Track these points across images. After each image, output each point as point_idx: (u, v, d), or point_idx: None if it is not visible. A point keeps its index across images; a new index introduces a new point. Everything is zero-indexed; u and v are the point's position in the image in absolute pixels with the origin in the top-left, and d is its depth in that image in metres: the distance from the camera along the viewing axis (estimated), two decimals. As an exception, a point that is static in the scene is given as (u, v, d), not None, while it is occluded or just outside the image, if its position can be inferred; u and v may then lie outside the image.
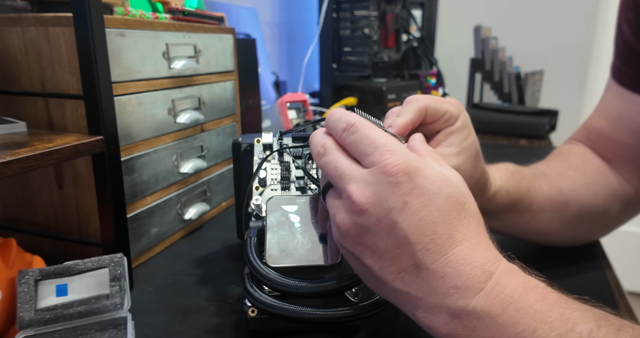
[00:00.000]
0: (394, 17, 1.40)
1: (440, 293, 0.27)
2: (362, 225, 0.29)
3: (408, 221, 0.27)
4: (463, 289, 0.27)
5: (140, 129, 0.54)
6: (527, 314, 0.26)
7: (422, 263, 0.27)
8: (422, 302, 0.28)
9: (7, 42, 0.49)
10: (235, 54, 0.74)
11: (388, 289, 0.30)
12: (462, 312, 0.27)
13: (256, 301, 0.37)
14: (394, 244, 0.28)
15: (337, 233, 0.31)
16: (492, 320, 0.26)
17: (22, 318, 0.38)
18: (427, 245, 0.27)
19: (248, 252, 0.39)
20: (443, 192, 0.28)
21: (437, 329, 0.28)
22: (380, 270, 0.29)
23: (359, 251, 0.30)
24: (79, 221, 0.53)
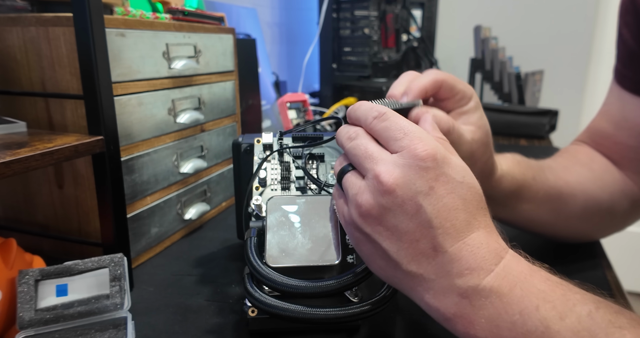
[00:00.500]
0: (394, 17, 1.40)
1: (454, 275, 0.28)
2: (385, 206, 0.29)
3: (433, 206, 0.29)
4: (477, 270, 0.28)
5: (140, 129, 0.54)
6: (531, 293, 0.27)
7: (441, 246, 0.29)
8: (434, 284, 0.29)
9: (7, 42, 0.49)
10: (235, 54, 0.74)
11: (401, 272, 0.30)
12: (472, 291, 0.28)
13: (256, 301, 0.37)
14: (416, 227, 0.29)
15: (356, 214, 0.31)
16: (498, 298, 0.27)
17: (22, 318, 0.38)
18: (448, 229, 0.29)
19: (248, 252, 0.39)
20: (466, 182, 0.30)
21: (445, 310, 0.29)
22: (397, 252, 0.30)
23: (377, 232, 0.30)
24: (79, 221, 0.53)
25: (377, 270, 0.33)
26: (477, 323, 0.27)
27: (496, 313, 0.27)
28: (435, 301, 0.29)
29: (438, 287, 0.29)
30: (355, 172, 0.33)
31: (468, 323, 0.28)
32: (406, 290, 0.31)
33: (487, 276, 0.28)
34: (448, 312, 0.29)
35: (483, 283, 0.28)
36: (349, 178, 0.33)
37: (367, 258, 0.33)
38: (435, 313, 0.30)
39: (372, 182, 0.30)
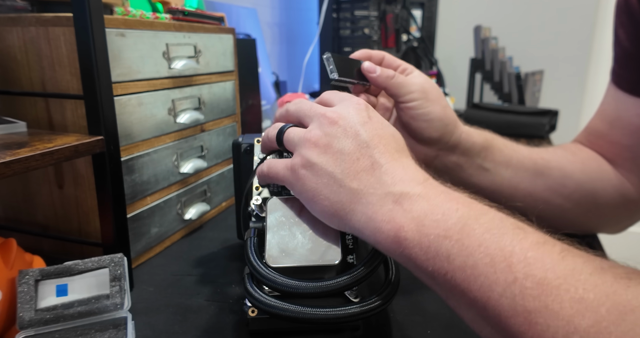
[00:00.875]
0: (394, 17, 1.40)
1: (389, 184, 0.33)
2: (331, 134, 0.35)
3: (368, 132, 0.35)
4: (408, 181, 0.33)
5: (140, 129, 0.54)
6: (452, 199, 0.32)
7: (378, 162, 0.34)
8: (373, 197, 0.33)
9: (7, 42, 0.49)
10: (235, 54, 0.74)
11: (344, 192, 0.34)
12: (404, 196, 0.32)
13: (256, 301, 0.37)
14: (356, 147, 0.35)
15: (305, 148, 0.36)
16: (426, 201, 0.32)
17: (22, 318, 0.38)
18: (382, 149, 0.35)
19: (248, 252, 0.39)
20: (392, 127, 0.38)
21: (381, 217, 0.32)
22: (341, 172, 0.34)
23: (324, 160, 0.35)
24: (79, 221, 0.53)
25: (322, 203, 0.35)
26: (406, 225, 0.31)
27: (423, 214, 0.31)
28: (372, 211, 0.33)
29: (376, 199, 0.33)
30: (294, 128, 0.39)
31: (399, 227, 0.31)
32: (348, 213, 0.34)
33: (417, 185, 0.33)
34: (382, 219, 0.32)
35: (414, 190, 0.32)
36: (292, 129, 0.39)
37: (312, 194, 0.36)
38: (372, 224, 0.33)
39: (319, 119, 0.37)
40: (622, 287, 0.23)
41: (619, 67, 0.55)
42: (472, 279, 0.27)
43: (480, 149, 0.52)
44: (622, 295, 0.23)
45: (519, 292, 0.25)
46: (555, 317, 0.24)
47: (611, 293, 0.23)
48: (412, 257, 0.31)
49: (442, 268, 0.29)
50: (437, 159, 0.51)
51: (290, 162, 0.38)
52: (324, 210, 0.36)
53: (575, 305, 0.24)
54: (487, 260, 0.27)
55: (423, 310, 0.45)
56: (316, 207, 0.36)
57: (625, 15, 0.52)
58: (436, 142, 0.50)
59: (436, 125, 0.48)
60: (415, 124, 0.49)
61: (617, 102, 0.55)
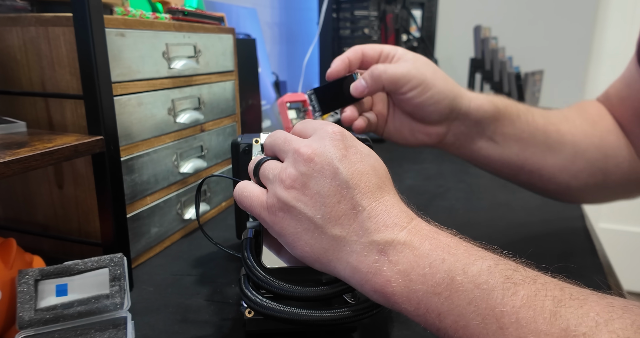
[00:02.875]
0: (394, 17, 1.40)
1: (373, 231, 0.31)
2: (307, 174, 0.33)
3: (347, 169, 0.32)
4: (391, 226, 0.31)
5: (140, 129, 0.54)
6: (438, 247, 0.30)
7: (360, 205, 0.32)
8: (357, 245, 0.31)
9: (7, 42, 0.49)
10: (235, 54, 0.74)
11: (326, 239, 0.32)
12: (389, 246, 0.31)
13: (251, 302, 0.36)
14: (336, 189, 0.32)
15: (280, 189, 0.33)
16: (411, 252, 0.30)
17: (22, 318, 0.38)
18: (363, 190, 0.32)
19: (244, 253, 0.39)
20: (372, 155, 0.35)
21: (366, 269, 0.31)
22: (322, 217, 0.32)
23: (302, 202, 0.33)
24: (79, 221, 0.53)
25: (303, 249, 0.33)
26: (393, 280, 0.30)
27: (410, 267, 0.30)
28: (358, 261, 0.31)
29: (360, 247, 0.31)
30: (272, 160, 0.37)
31: (385, 281, 0.30)
32: (332, 260, 0.33)
33: (401, 231, 0.31)
34: (369, 271, 0.31)
35: (398, 238, 0.31)
36: (268, 164, 0.36)
37: (292, 239, 0.34)
38: (358, 275, 0.31)
39: (293, 156, 0.34)
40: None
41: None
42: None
43: (491, 119, 0.50)
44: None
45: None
46: None
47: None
48: (402, 311, 0.30)
49: (434, 325, 0.29)
50: (448, 133, 0.50)
51: (265, 200, 0.35)
52: (305, 255, 0.34)
53: None
54: (479, 320, 0.27)
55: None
56: (296, 251, 0.34)
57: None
58: (446, 118, 0.48)
59: (442, 104, 0.47)
60: (421, 111, 0.47)
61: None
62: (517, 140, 0.51)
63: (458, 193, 0.80)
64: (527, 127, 0.51)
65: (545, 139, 0.52)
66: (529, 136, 0.51)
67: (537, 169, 0.53)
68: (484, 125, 0.50)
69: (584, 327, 0.24)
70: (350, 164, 0.33)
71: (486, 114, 0.49)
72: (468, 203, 0.75)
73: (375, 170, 0.34)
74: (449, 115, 0.48)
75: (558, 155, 0.53)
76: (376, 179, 0.33)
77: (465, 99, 0.48)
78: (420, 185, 0.85)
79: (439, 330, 0.28)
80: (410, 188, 0.83)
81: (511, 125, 0.51)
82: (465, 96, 0.48)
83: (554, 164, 0.53)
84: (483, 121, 0.49)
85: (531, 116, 0.52)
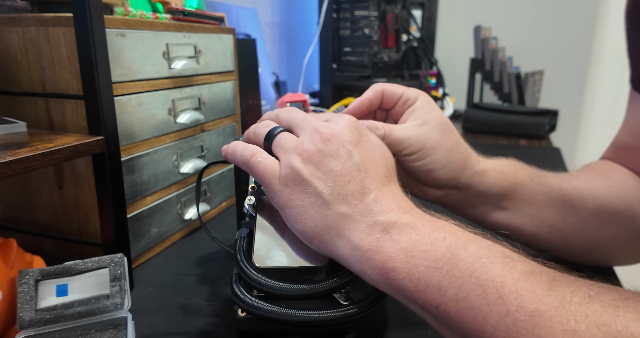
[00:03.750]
0: (394, 17, 1.40)
1: (377, 213, 0.33)
2: (324, 152, 0.34)
3: (360, 154, 0.34)
4: (396, 210, 0.33)
5: (140, 129, 0.54)
6: (439, 228, 0.32)
7: (368, 188, 0.33)
8: (360, 224, 0.33)
9: (7, 42, 0.49)
10: (235, 54, 0.74)
11: (332, 215, 0.33)
12: (392, 226, 0.32)
13: (241, 302, 0.36)
14: (348, 170, 0.34)
15: (298, 161, 0.35)
16: (414, 231, 0.31)
17: (23, 318, 0.38)
18: (372, 175, 0.34)
19: (236, 253, 0.38)
20: (383, 146, 0.37)
21: (368, 246, 0.32)
22: (331, 193, 0.33)
23: (315, 177, 0.34)
24: (79, 221, 0.53)
25: (306, 223, 0.34)
26: (395, 256, 0.31)
27: (412, 245, 0.31)
28: (360, 239, 0.32)
29: (363, 226, 0.33)
30: (287, 132, 0.38)
31: (387, 257, 0.31)
32: (334, 237, 0.33)
33: (404, 215, 0.33)
34: (370, 248, 0.32)
35: (401, 220, 0.32)
36: (286, 135, 0.37)
37: (297, 211, 0.34)
38: (358, 252, 0.32)
39: (311, 133, 0.35)
40: (611, 317, 0.24)
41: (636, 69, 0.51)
42: (465, 311, 0.27)
43: (499, 190, 0.46)
44: (612, 325, 0.24)
45: (513, 325, 0.26)
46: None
47: (601, 324, 0.24)
48: (401, 289, 0.30)
49: (433, 300, 0.29)
50: (446, 197, 0.47)
51: (280, 170, 0.36)
52: (306, 230, 0.34)
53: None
54: (479, 291, 0.27)
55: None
56: (298, 225, 0.35)
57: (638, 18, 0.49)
58: (442, 186, 0.45)
59: (437, 174, 0.43)
60: (415, 173, 0.44)
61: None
62: (529, 203, 0.47)
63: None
64: (541, 188, 0.47)
65: (563, 198, 0.47)
66: (544, 198, 0.47)
67: (558, 230, 0.48)
68: (488, 195, 0.46)
69: (578, 298, 0.25)
70: (364, 150, 0.35)
71: (491, 186, 0.46)
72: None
73: (384, 160, 0.36)
74: (446, 184, 0.45)
75: (580, 211, 0.48)
76: (384, 169, 0.35)
77: (468, 171, 0.45)
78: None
79: (439, 305, 0.29)
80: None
81: (523, 190, 0.47)
82: (470, 169, 0.45)
83: (576, 222, 0.48)
84: (487, 192, 0.46)
85: (544, 178, 0.48)
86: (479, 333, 0.27)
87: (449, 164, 0.43)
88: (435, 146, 0.43)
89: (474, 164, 0.45)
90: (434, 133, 0.43)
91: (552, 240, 0.49)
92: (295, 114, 0.39)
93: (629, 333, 0.23)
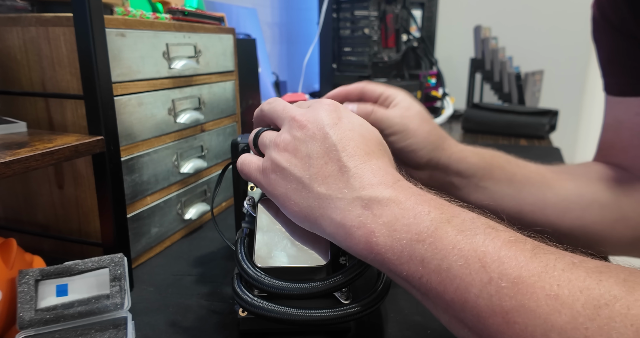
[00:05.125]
0: (394, 17, 1.40)
1: (357, 188, 0.33)
2: (299, 138, 0.35)
3: (337, 134, 0.35)
4: (376, 185, 0.33)
5: (140, 129, 0.54)
6: (423, 201, 0.31)
7: (346, 166, 0.34)
8: (341, 202, 0.33)
9: (7, 42, 0.49)
10: (235, 54, 0.74)
11: (313, 198, 0.34)
12: (373, 201, 0.32)
13: (242, 301, 0.36)
14: (324, 151, 0.34)
15: (275, 152, 0.36)
16: (396, 205, 0.31)
17: (22, 318, 0.38)
18: (350, 153, 0.34)
19: (237, 253, 0.39)
20: (365, 126, 0.37)
21: (350, 223, 0.32)
22: (309, 177, 0.34)
23: (292, 164, 0.35)
24: (79, 221, 0.53)
25: (292, 208, 0.36)
26: (377, 230, 0.31)
27: (394, 218, 0.31)
28: (342, 217, 0.33)
29: (344, 204, 0.33)
30: (269, 131, 0.39)
31: (369, 232, 0.31)
32: (318, 218, 0.34)
33: (386, 189, 0.32)
34: (352, 225, 0.32)
35: (383, 194, 0.32)
36: (266, 133, 0.39)
37: (283, 199, 0.36)
38: (342, 230, 0.33)
39: (289, 123, 0.37)
40: (595, 281, 0.24)
41: (607, 75, 0.57)
42: (448, 281, 0.28)
43: (476, 169, 0.50)
44: (595, 289, 0.23)
45: (495, 292, 0.25)
46: (532, 315, 0.24)
47: (584, 288, 0.24)
48: (385, 262, 0.31)
49: (416, 272, 0.29)
50: (431, 179, 0.50)
51: (261, 164, 0.38)
52: (295, 215, 0.36)
53: (551, 302, 0.24)
54: (462, 261, 0.27)
55: (423, 310, 0.45)
56: (287, 211, 0.36)
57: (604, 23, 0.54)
58: (425, 166, 0.49)
59: (420, 154, 0.47)
60: (400, 155, 0.48)
61: (615, 108, 0.56)
62: (509, 183, 0.50)
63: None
64: (518, 170, 0.51)
65: (542, 178, 0.51)
66: (522, 178, 0.51)
67: (539, 209, 0.51)
68: (467, 174, 0.50)
69: (562, 264, 0.25)
70: (341, 130, 0.35)
71: (469, 165, 0.50)
72: (468, 203, 0.75)
73: (364, 138, 0.36)
74: (428, 164, 0.49)
75: (560, 190, 0.51)
76: (364, 146, 0.35)
77: (447, 151, 0.49)
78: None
79: (422, 277, 0.29)
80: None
81: (500, 170, 0.50)
82: (448, 149, 0.49)
83: (558, 201, 0.50)
84: (466, 171, 0.50)
85: (522, 162, 0.52)
86: (462, 302, 0.27)
87: (428, 145, 0.47)
88: (416, 128, 0.47)
89: (451, 145, 0.49)
90: (414, 119, 0.47)
91: (536, 219, 0.51)
92: (275, 105, 0.40)
93: (611, 296, 0.23)
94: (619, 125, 0.55)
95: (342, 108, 0.38)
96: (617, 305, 0.22)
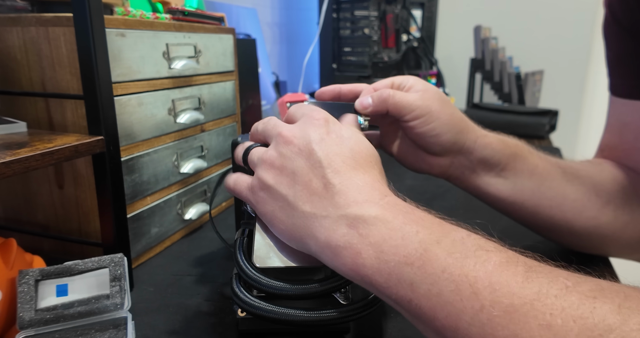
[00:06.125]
0: (394, 17, 1.40)
1: (342, 206, 0.32)
2: (285, 155, 0.35)
3: (323, 150, 0.34)
4: (362, 202, 0.32)
5: (140, 129, 0.54)
6: (412, 221, 0.30)
7: (331, 183, 0.33)
8: (326, 220, 0.32)
9: (7, 42, 0.49)
10: (235, 54, 0.74)
11: (298, 216, 0.33)
12: (359, 220, 0.31)
13: (241, 302, 0.36)
14: (309, 168, 0.33)
15: (262, 170, 0.36)
16: (383, 225, 0.30)
17: (23, 318, 0.38)
18: (336, 169, 0.33)
19: (236, 253, 0.38)
20: (355, 138, 0.36)
21: (335, 242, 0.31)
22: (294, 196, 0.34)
23: (278, 182, 0.35)
24: (79, 221, 0.53)
25: (279, 227, 0.35)
26: (364, 251, 0.30)
27: (381, 239, 0.30)
28: (326, 236, 0.32)
29: (329, 223, 0.32)
30: (259, 147, 0.39)
31: (356, 253, 0.30)
32: (304, 237, 0.33)
33: (372, 207, 0.31)
34: (338, 245, 0.31)
35: (369, 212, 0.31)
36: (255, 149, 0.39)
37: (270, 217, 0.36)
38: (328, 250, 0.32)
39: (276, 139, 0.36)
40: (588, 309, 0.23)
41: (613, 75, 0.56)
42: (439, 308, 0.27)
43: (501, 157, 0.48)
44: (589, 318, 0.23)
45: (487, 321, 0.25)
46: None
47: (578, 317, 0.23)
48: (373, 284, 0.30)
49: (405, 295, 0.28)
50: (451, 166, 0.48)
51: (250, 182, 0.37)
52: (282, 233, 0.35)
53: (544, 333, 0.23)
54: (452, 287, 0.27)
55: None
56: (274, 229, 0.36)
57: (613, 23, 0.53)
58: (447, 151, 0.47)
59: (445, 137, 0.45)
60: (423, 140, 0.46)
61: (620, 109, 0.55)
62: (530, 175, 0.49)
63: (458, 193, 0.80)
64: (540, 162, 0.49)
65: (562, 173, 0.50)
66: (544, 171, 0.49)
67: (558, 204, 0.49)
68: (491, 162, 0.48)
69: (555, 290, 0.25)
70: (327, 146, 0.34)
71: (494, 152, 0.48)
72: (468, 203, 0.75)
73: (352, 152, 0.35)
74: (451, 148, 0.47)
75: (579, 188, 0.50)
76: (352, 161, 0.34)
77: (472, 135, 0.47)
78: (421, 185, 0.85)
79: (411, 301, 0.28)
80: (411, 188, 0.83)
81: (522, 161, 0.49)
82: (472, 133, 0.47)
83: (576, 199, 0.49)
84: (490, 158, 0.48)
85: (543, 155, 0.51)
86: (453, 329, 0.26)
87: (453, 127, 0.46)
88: (439, 111, 0.45)
89: (475, 128, 0.48)
90: (434, 101, 0.45)
91: (553, 215, 0.50)
92: (267, 123, 0.39)
93: (606, 326, 0.22)
94: (623, 126, 0.55)
95: (332, 121, 0.36)
96: (612, 337, 0.22)
